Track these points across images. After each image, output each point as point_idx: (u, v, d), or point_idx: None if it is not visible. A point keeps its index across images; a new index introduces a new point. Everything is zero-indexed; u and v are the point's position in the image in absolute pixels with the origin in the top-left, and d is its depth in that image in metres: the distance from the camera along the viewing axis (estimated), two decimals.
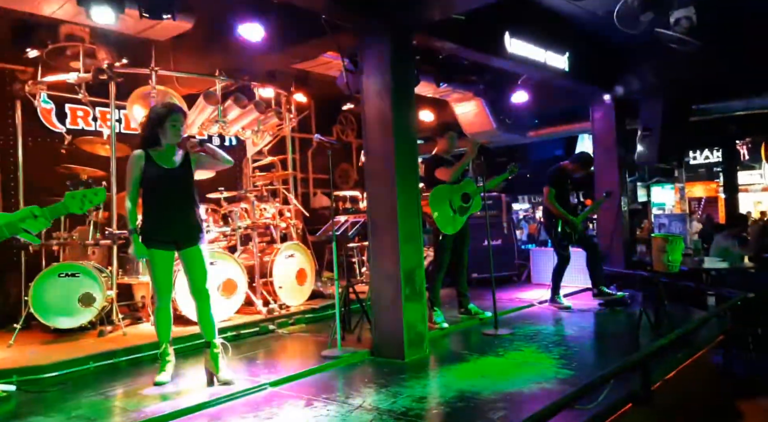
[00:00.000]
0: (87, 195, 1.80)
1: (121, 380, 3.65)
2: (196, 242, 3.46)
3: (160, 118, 3.39)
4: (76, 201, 1.79)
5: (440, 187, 4.86)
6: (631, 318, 5.04)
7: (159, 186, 3.36)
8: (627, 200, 7.51)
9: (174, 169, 3.42)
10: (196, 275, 3.45)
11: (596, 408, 2.79)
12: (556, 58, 6.06)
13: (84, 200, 1.80)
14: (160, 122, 3.38)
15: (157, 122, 3.39)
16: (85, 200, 1.80)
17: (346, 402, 3.12)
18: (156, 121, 3.39)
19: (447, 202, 4.87)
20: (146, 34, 4.36)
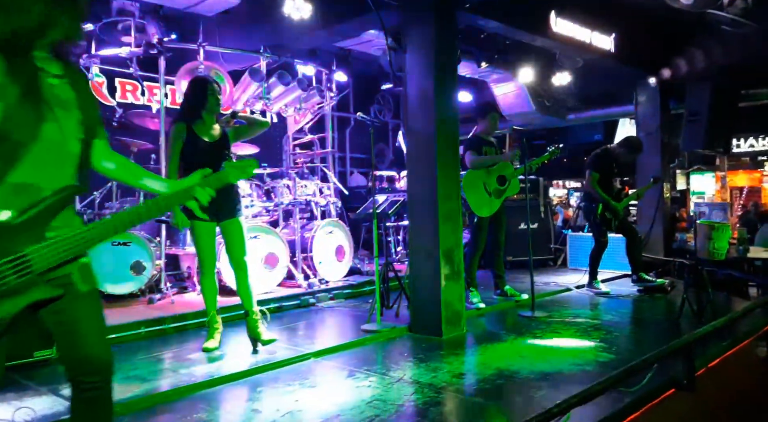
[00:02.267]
0: (243, 164, 1.83)
1: (170, 345, 3.81)
2: (235, 215, 3.55)
3: (198, 89, 3.47)
4: (234, 171, 1.80)
5: (472, 170, 4.85)
6: (672, 306, 4.97)
7: (199, 158, 3.41)
8: (669, 187, 7.35)
9: (214, 141, 3.50)
10: (234, 247, 3.54)
11: (639, 391, 2.79)
12: (602, 38, 5.92)
13: (242, 169, 1.82)
14: (199, 93, 3.46)
15: (197, 93, 3.47)
16: (242, 170, 1.83)
17: (386, 374, 3.19)
18: (195, 92, 3.48)
19: (481, 184, 4.86)
20: (194, 9, 4.42)
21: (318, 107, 6.25)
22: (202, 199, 1.69)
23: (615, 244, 5.96)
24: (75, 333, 1.60)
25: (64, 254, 1.48)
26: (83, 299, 1.61)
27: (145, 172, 1.79)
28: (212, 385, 3.04)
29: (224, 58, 5.47)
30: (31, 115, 1.47)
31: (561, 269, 7.20)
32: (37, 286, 1.46)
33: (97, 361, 1.63)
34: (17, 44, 1.48)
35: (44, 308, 1.56)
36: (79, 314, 1.61)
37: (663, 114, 7.11)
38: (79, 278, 1.59)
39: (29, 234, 1.45)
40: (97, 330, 1.65)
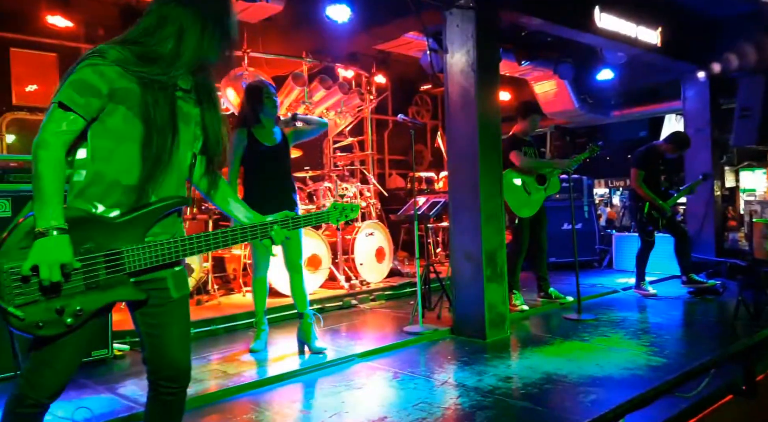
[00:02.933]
0: (346, 209, 1.90)
1: (218, 346, 3.90)
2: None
3: (255, 94, 3.52)
4: (336, 213, 1.88)
5: (512, 170, 4.79)
6: (725, 308, 4.79)
7: (261, 163, 3.49)
8: (720, 184, 7.07)
9: (274, 146, 3.54)
10: (292, 249, 3.58)
11: (696, 396, 2.70)
12: (648, 32, 5.75)
13: (342, 214, 1.90)
14: (256, 98, 3.50)
15: (254, 98, 3.51)
16: (343, 214, 1.90)
17: (431, 377, 3.19)
18: (252, 98, 3.52)
19: (521, 184, 4.79)
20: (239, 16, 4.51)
21: (358, 109, 6.29)
22: (276, 239, 1.72)
23: (663, 244, 5.78)
24: (163, 337, 1.65)
25: (155, 259, 1.53)
26: (175, 305, 1.66)
27: (234, 196, 1.82)
28: (260, 386, 3.10)
29: (267, 64, 5.57)
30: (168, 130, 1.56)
31: (606, 270, 7.03)
32: (125, 285, 1.52)
33: (177, 368, 1.67)
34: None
35: (138, 310, 1.63)
36: (169, 320, 1.65)
37: (713, 109, 6.85)
38: (173, 284, 1.64)
39: (128, 234, 1.51)
40: (183, 337, 1.70)
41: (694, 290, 5.44)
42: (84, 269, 1.44)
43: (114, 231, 1.49)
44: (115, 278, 1.49)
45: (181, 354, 1.68)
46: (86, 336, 1.53)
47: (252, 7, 4.14)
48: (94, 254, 1.46)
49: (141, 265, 1.52)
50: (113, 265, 1.48)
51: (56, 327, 1.43)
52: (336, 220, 1.86)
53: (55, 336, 1.45)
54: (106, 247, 1.48)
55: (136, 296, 1.56)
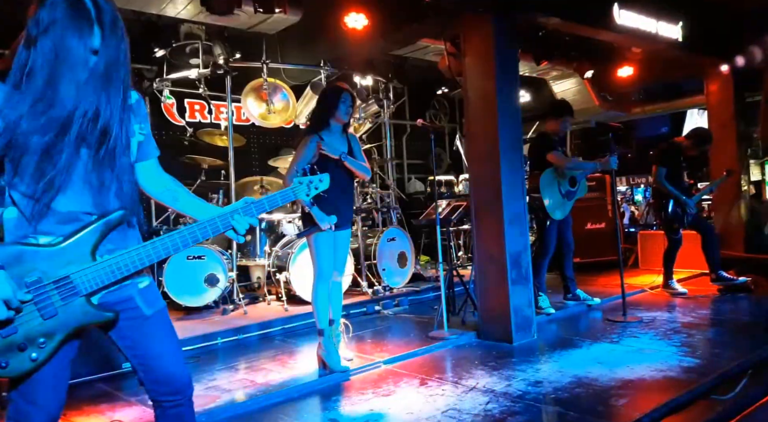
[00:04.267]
0: (314, 181, 1.77)
1: (245, 355, 3.93)
2: (349, 225, 3.59)
3: (330, 97, 3.42)
4: (303, 187, 1.75)
5: (549, 171, 4.73)
6: (757, 306, 4.68)
7: (330, 169, 3.24)
8: (748, 179, 6.92)
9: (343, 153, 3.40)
10: (341, 255, 3.56)
11: (733, 399, 2.63)
12: (669, 28, 5.66)
13: (311, 187, 1.76)
14: (330, 100, 3.41)
15: (327, 101, 3.42)
16: (311, 187, 1.76)
17: (459, 382, 3.17)
18: (326, 100, 3.43)
19: (556, 186, 4.75)
20: (257, 28, 4.58)
21: (376, 116, 6.31)
22: (239, 228, 1.64)
23: (692, 241, 5.67)
24: (149, 357, 1.61)
25: (113, 275, 1.48)
26: (151, 322, 1.61)
27: (188, 197, 1.73)
28: (288, 394, 3.11)
29: (285, 73, 5.63)
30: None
31: (633, 269, 6.91)
32: (87, 308, 1.46)
33: (174, 380, 1.64)
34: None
35: (112, 334, 1.58)
36: (149, 339, 1.61)
37: (737, 103, 6.71)
38: (142, 302, 1.59)
39: (76, 257, 1.46)
40: (171, 349, 1.66)
41: (723, 288, 5.33)
42: (36, 301, 1.41)
43: (59, 257, 1.44)
44: (74, 303, 1.45)
45: (174, 367, 1.64)
46: (63, 365, 1.51)
47: (270, 18, 4.18)
48: (44, 283, 1.42)
49: (98, 283, 1.47)
50: (66, 290, 1.44)
51: (22, 363, 1.40)
52: (306, 195, 1.75)
53: (26, 373, 1.42)
54: (54, 275, 1.43)
55: (103, 317, 1.50)
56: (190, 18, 4.40)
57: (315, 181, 1.77)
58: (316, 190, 1.78)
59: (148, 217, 5.31)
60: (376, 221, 5.94)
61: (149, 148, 1.68)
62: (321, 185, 1.79)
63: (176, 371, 1.64)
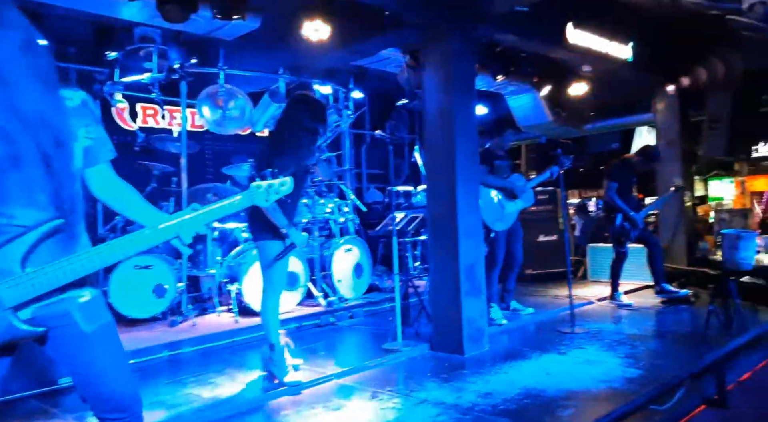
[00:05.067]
0: (273, 186, 1.61)
1: (193, 368, 3.82)
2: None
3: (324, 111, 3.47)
4: (261, 192, 1.60)
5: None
6: (697, 317, 4.88)
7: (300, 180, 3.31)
8: (691, 195, 7.24)
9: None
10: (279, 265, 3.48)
11: (671, 409, 2.73)
12: (620, 48, 5.89)
13: (270, 191, 1.61)
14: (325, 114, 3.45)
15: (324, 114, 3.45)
16: (271, 191, 1.61)
17: (410, 395, 3.17)
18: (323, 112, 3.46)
19: (494, 198, 4.84)
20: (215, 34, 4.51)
21: (335, 125, 6.29)
22: (185, 237, 1.55)
23: (636, 255, 5.88)
24: (91, 375, 1.55)
25: (33, 290, 1.39)
26: (91, 338, 1.53)
27: (141, 204, 1.65)
28: (237, 409, 3.04)
29: (243, 80, 5.55)
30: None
31: (581, 281, 7.11)
32: (13, 323, 1.38)
33: (120, 397, 1.57)
34: None
35: (50, 350, 1.51)
36: (91, 356, 1.54)
37: (683, 122, 7.03)
38: (81, 317, 1.51)
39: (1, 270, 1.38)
40: (116, 365, 1.59)
41: (666, 300, 5.54)
42: None
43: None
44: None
45: (119, 385, 1.58)
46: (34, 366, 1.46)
47: (228, 24, 4.12)
48: None
49: (22, 297, 1.38)
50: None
51: None
52: (265, 200, 1.62)
53: None
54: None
55: (30, 333, 1.42)
56: (145, 22, 4.29)
57: (275, 185, 1.62)
58: (276, 195, 1.63)
59: (95, 223, 5.12)
60: (333, 231, 5.91)
61: (99, 152, 1.60)
62: (282, 190, 1.63)
63: (122, 388, 1.57)
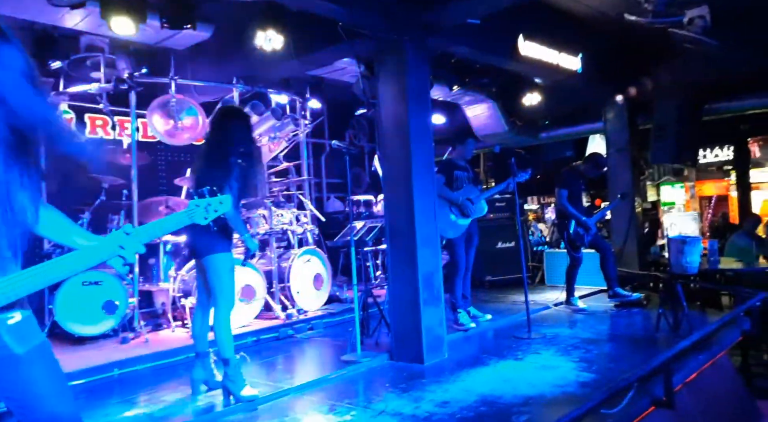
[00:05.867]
0: (212, 204, 1.60)
1: (145, 386, 3.69)
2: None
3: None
4: (200, 210, 1.58)
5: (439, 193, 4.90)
6: (649, 320, 5.03)
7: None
8: (640, 201, 7.50)
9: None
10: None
11: (620, 412, 2.80)
12: (570, 59, 6.07)
13: (209, 209, 1.59)
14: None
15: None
16: (210, 209, 1.59)
17: (368, 406, 3.15)
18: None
19: (447, 207, 4.91)
20: (165, 43, 4.42)
21: (293, 135, 6.25)
22: (129, 256, 1.53)
23: (590, 260, 6.04)
24: (27, 398, 1.48)
25: None
26: (25, 360, 1.47)
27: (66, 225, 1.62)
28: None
29: (196, 90, 5.46)
30: None
31: (539, 286, 7.25)
32: None
33: (60, 421, 1.51)
34: None
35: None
36: (25, 378, 1.47)
37: (631, 130, 7.29)
38: (11, 339, 1.45)
39: None
40: (54, 387, 1.52)
41: (619, 304, 5.71)
42: None
43: None
44: None
45: (58, 407, 1.51)
46: None
47: (178, 34, 4.05)
48: None
49: None
50: None
51: None
52: (204, 218, 1.60)
53: None
54: None
55: None
56: (91, 30, 4.17)
57: (214, 203, 1.62)
58: (215, 213, 1.63)
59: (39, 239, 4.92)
60: (292, 242, 5.85)
61: None
62: (221, 208, 1.64)
63: (61, 410, 1.51)
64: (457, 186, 5.00)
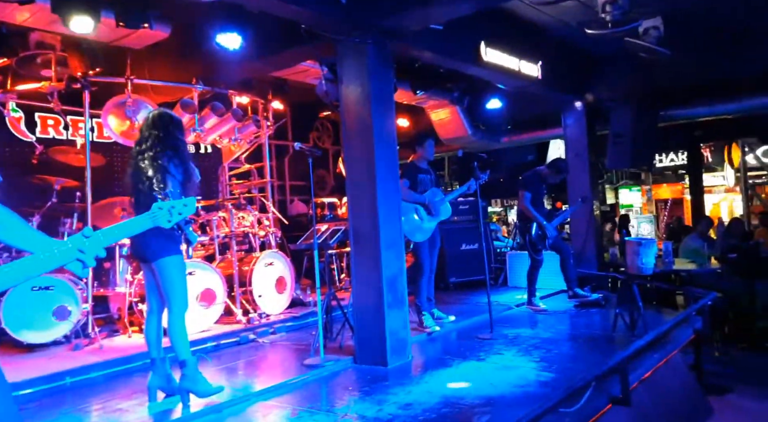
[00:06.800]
0: (176, 206, 1.58)
1: (99, 395, 3.56)
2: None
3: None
4: (163, 213, 1.55)
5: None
6: (606, 320, 5.16)
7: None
8: (599, 204, 7.70)
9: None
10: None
11: (578, 410, 2.85)
12: (530, 66, 6.18)
13: (173, 212, 1.57)
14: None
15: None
16: (174, 212, 1.57)
17: (331, 410, 3.12)
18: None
19: (413, 210, 4.93)
20: (121, 42, 4.29)
21: (254, 136, 6.17)
22: (88, 261, 1.49)
23: (551, 261, 6.16)
24: None
25: None
26: None
27: (21, 228, 1.56)
28: None
29: (155, 90, 5.32)
30: None
31: (502, 287, 7.35)
32: None
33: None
34: None
35: None
36: None
37: (590, 135, 7.47)
38: None
39: None
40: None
41: (579, 304, 5.84)
42: None
43: None
44: None
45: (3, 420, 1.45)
46: None
47: (135, 33, 3.94)
48: None
49: None
50: None
51: None
52: (168, 221, 1.59)
53: None
54: None
55: None
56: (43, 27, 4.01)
57: (178, 205, 1.61)
58: (179, 216, 1.61)
59: None
60: (253, 245, 5.76)
61: None
62: (185, 211, 1.62)
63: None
64: (422, 189, 5.03)
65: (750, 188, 14.02)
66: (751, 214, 12.99)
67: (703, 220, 7.98)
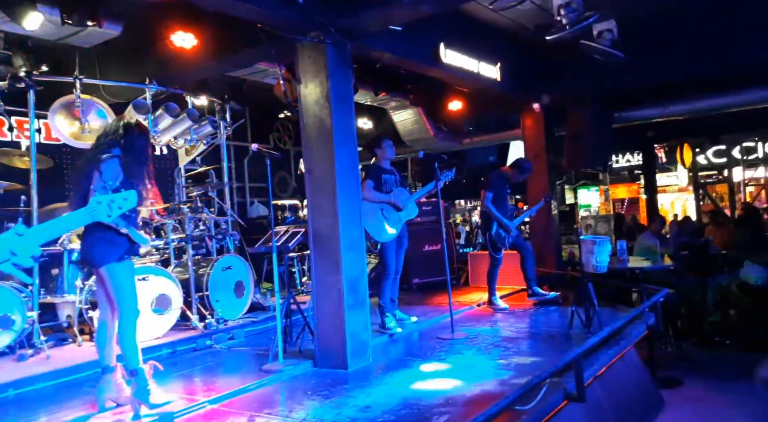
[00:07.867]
0: (116, 200, 1.52)
1: (45, 407, 3.40)
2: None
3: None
4: (102, 207, 1.49)
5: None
6: (564, 317, 5.25)
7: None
8: (557, 204, 7.86)
9: None
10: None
11: (535, 407, 2.89)
12: (489, 68, 6.26)
13: (112, 206, 1.51)
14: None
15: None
16: (114, 206, 1.51)
17: (289, 416, 3.08)
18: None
19: (378, 211, 4.92)
20: (69, 40, 4.12)
21: (212, 137, 6.04)
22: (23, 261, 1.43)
23: (512, 260, 6.25)
24: None
25: None
26: None
27: None
28: None
29: (106, 90, 5.14)
30: None
31: (464, 287, 7.41)
32: None
33: None
34: None
35: None
36: None
37: (548, 136, 7.62)
38: None
39: None
40: None
41: (537, 302, 5.94)
42: None
43: None
44: None
45: None
46: None
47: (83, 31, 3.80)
48: None
49: None
50: None
51: None
52: (107, 216, 1.56)
53: None
54: None
55: None
56: None
57: (118, 199, 1.56)
58: (119, 210, 1.56)
59: None
60: (210, 249, 5.63)
61: None
62: (125, 205, 1.57)
63: None
64: (387, 190, 5.02)
65: (701, 187, 14.58)
66: (702, 213, 13.51)
67: (656, 218, 8.24)
